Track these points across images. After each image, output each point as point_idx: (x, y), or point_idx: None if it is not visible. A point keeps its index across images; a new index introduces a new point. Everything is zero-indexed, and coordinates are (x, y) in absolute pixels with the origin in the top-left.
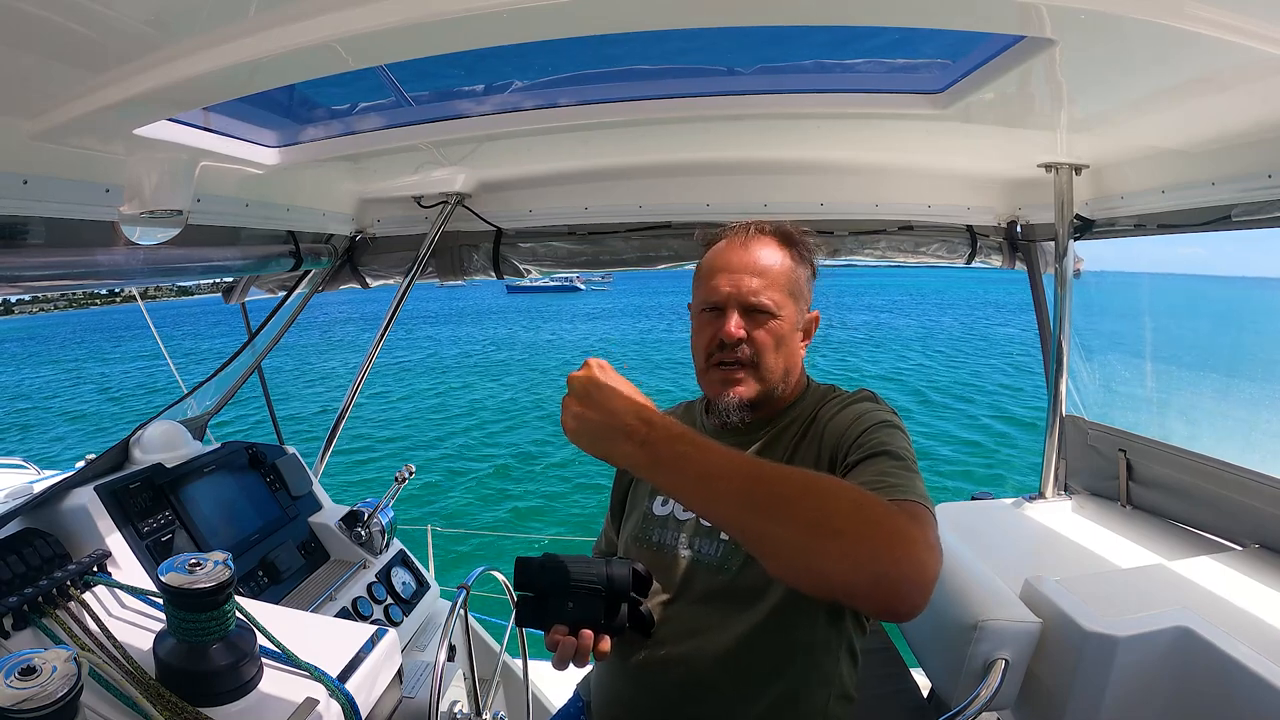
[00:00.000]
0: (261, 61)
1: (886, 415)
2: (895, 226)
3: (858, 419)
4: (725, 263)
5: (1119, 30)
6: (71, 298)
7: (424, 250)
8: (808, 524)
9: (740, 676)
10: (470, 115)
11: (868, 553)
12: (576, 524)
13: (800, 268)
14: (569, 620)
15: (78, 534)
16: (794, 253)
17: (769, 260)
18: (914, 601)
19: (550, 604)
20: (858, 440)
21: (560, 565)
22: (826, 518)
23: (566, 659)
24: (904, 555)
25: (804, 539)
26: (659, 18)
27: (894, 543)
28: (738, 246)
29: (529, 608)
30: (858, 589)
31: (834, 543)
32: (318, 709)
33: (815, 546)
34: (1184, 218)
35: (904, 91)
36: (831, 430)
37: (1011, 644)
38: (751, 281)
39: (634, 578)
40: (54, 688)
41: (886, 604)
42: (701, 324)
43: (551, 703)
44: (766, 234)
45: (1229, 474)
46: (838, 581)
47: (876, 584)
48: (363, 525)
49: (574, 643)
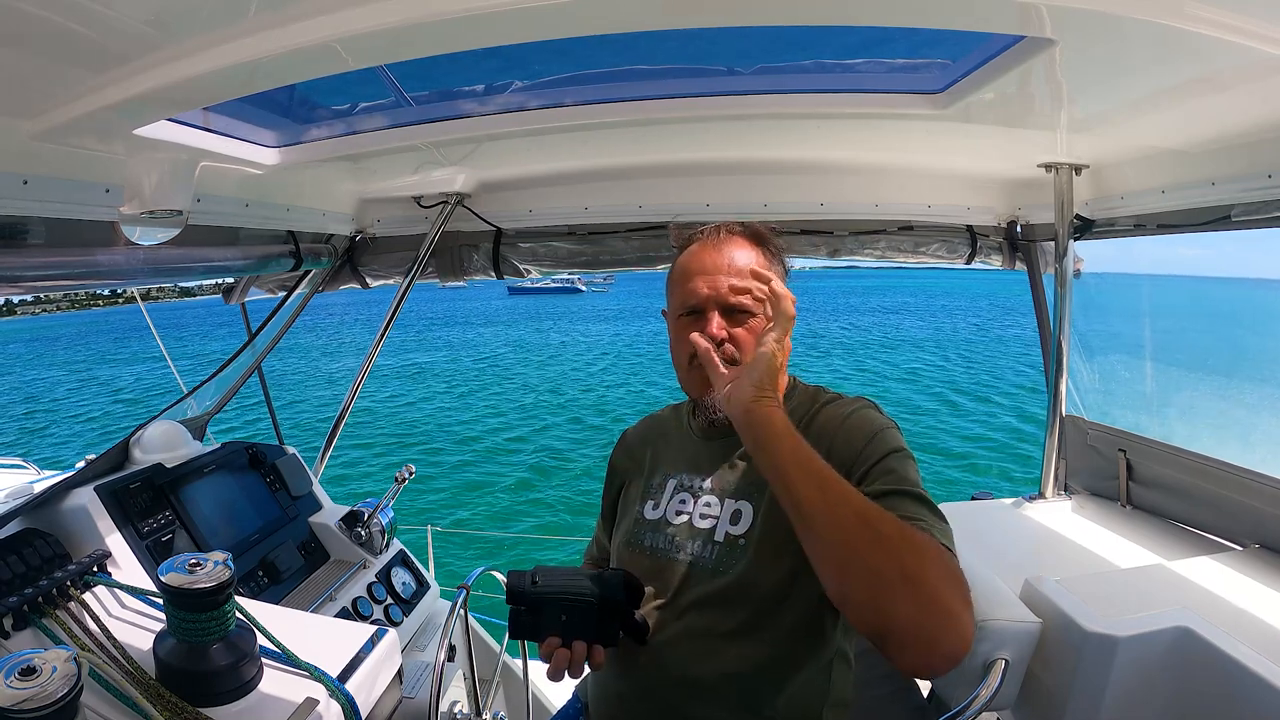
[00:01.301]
0: (261, 62)
1: (898, 438)
2: (895, 226)
3: (872, 437)
4: (700, 265)
5: (1119, 30)
6: (74, 298)
7: (424, 250)
8: (909, 569)
9: (736, 679)
10: (470, 115)
11: (937, 621)
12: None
13: (774, 265)
14: (562, 632)
15: (78, 534)
16: (765, 251)
17: (744, 260)
18: (946, 667)
19: (544, 617)
20: (878, 465)
21: (552, 579)
22: (929, 576)
23: (561, 670)
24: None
25: (891, 577)
26: (659, 18)
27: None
28: (711, 248)
29: (522, 621)
30: (908, 640)
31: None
32: (318, 709)
33: (898, 589)
34: (1184, 218)
35: (904, 91)
36: (842, 439)
37: (1011, 644)
38: (729, 281)
39: (626, 587)
40: (54, 688)
41: (927, 662)
42: (681, 327)
43: (551, 703)
44: (737, 234)
45: (1229, 474)
46: (897, 625)
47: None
48: (363, 525)
49: (568, 654)
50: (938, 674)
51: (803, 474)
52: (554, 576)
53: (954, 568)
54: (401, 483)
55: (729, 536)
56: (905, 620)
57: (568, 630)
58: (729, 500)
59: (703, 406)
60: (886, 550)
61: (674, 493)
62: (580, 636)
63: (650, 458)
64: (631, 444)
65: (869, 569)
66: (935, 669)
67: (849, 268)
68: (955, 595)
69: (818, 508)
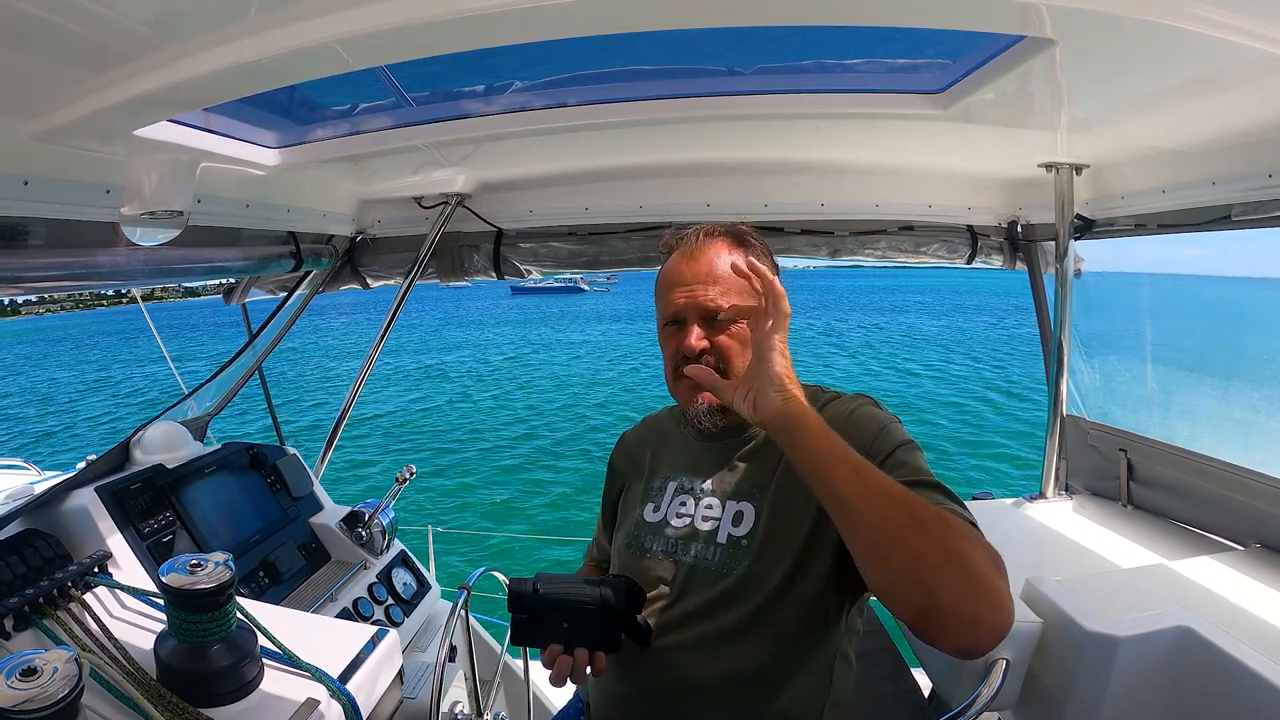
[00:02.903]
0: (262, 62)
1: (903, 431)
2: (896, 227)
3: (879, 431)
4: (679, 275)
5: (1119, 30)
6: (79, 298)
7: (424, 251)
8: (950, 549)
9: (737, 680)
10: (471, 116)
11: (982, 598)
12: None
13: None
14: (565, 639)
15: (78, 535)
16: (748, 252)
17: (723, 265)
18: (991, 643)
19: (545, 623)
20: (891, 458)
21: (554, 586)
22: (969, 554)
23: (564, 676)
24: (1005, 605)
25: (936, 560)
26: (659, 18)
27: (999, 596)
28: (687, 257)
29: (524, 627)
30: (953, 620)
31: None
32: (319, 709)
33: (942, 571)
34: (1184, 217)
35: (904, 91)
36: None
37: (1012, 644)
38: (707, 290)
39: (628, 593)
40: (55, 688)
41: (974, 639)
42: (665, 337)
43: (552, 704)
44: (716, 237)
45: (1230, 474)
46: (945, 606)
47: (975, 622)
48: (363, 526)
49: (570, 661)
50: (982, 652)
51: (843, 467)
52: (556, 583)
53: (989, 546)
54: (402, 483)
55: (731, 538)
56: (951, 600)
57: (570, 637)
58: (730, 502)
59: (689, 415)
60: (928, 534)
61: (674, 495)
62: (582, 643)
63: (650, 460)
64: (631, 446)
65: (914, 553)
66: (981, 646)
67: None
68: (996, 572)
69: (859, 499)
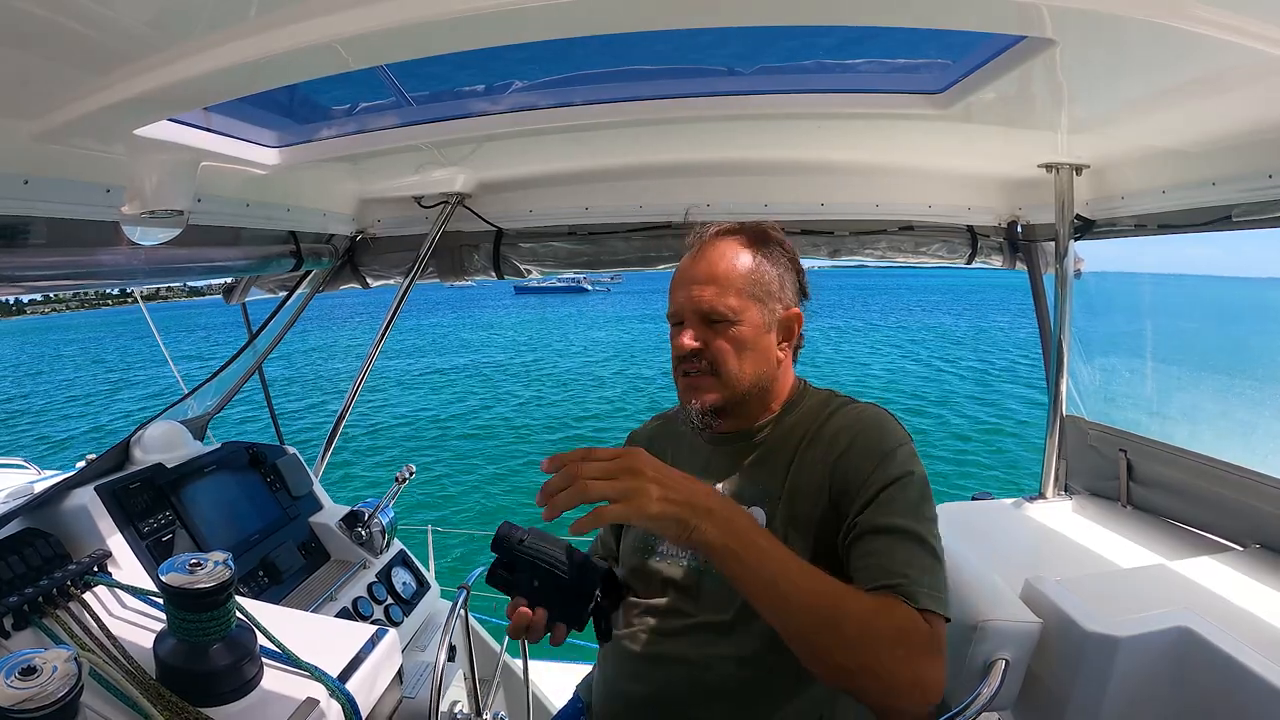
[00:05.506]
0: (262, 62)
1: (908, 457)
2: (896, 227)
3: (880, 460)
4: (682, 275)
5: (1119, 30)
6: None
7: (424, 250)
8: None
9: (744, 682)
10: (471, 115)
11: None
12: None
13: (768, 267)
14: (530, 596)
15: (78, 534)
16: (760, 252)
17: (725, 265)
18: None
19: (517, 574)
20: (880, 495)
21: (539, 545)
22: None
23: (520, 629)
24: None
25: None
26: (659, 18)
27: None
28: (692, 256)
29: (498, 573)
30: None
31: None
32: (318, 709)
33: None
34: (1185, 218)
35: (904, 91)
36: (851, 456)
37: (1012, 644)
38: (704, 290)
39: (604, 582)
40: (54, 688)
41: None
42: (671, 335)
43: (552, 703)
44: (728, 236)
45: (1230, 474)
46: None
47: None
48: (363, 525)
49: (529, 615)
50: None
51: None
52: (543, 542)
53: (918, 639)
54: (402, 483)
55: None
56: (866, 694)
57: (536, 597)
58: (741, 506)
59: (686, 415)
60: (846, 648)
61: None
62: (546, 607)
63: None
64: (640, 445)
65: (830, 663)
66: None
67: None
68: (918, 667)
69: (773, 613)
